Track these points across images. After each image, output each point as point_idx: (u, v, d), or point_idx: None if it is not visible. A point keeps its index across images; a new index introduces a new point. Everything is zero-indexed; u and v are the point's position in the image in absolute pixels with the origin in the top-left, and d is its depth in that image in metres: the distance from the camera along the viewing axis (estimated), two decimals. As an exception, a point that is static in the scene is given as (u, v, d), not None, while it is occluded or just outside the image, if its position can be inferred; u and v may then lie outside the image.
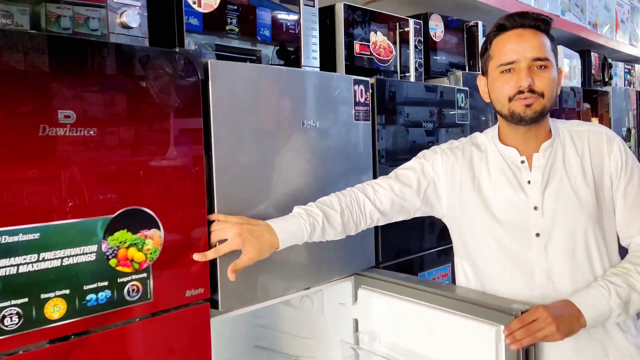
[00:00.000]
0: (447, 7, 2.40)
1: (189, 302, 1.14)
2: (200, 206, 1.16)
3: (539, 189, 1.33)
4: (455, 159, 1.43)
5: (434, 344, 1.41)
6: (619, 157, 1.33)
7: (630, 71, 4.32)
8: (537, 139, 1.35)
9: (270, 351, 1.84)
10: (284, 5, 1.54)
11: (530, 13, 1.32)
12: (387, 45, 1.87)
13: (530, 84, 1.27)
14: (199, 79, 1.14)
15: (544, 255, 1.32)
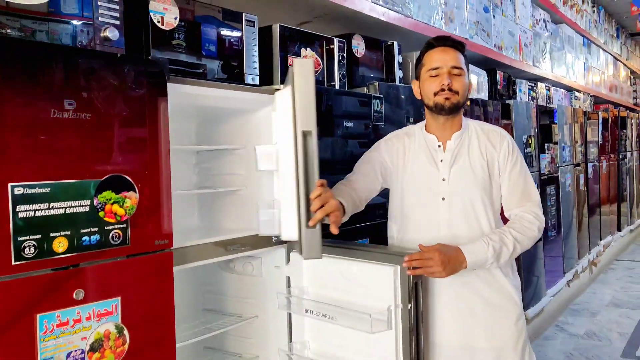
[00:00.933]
0: (369, 29, 2.83)
1: (156, 249, 1.49)
2: (166, 181, 1.52)
3: (447, 166, 1.83)
4: (393, 144, 1.94)
5: (350, 288, 1.81)
6: (506, 150, 1.85)
7: (534, 88, 4.94)
8: (451, 129, 1.86)
9: (217, 313, 2.19)
10: (228, 22, 1.91)
11: (450, 37, 1.89)
12: (316, 59, 2.27)
13: (449, 84, 1.78)
14: (166, 80, 1.50)
15: (448, 213, 1.82)
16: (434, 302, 1.83)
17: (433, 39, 1.88)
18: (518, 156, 1.87)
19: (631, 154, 7.95)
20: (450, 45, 1.84)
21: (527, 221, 1.80)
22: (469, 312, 1.82)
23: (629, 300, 5.01)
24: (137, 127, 1.44)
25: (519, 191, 1.85)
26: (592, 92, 7.23)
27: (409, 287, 1.65)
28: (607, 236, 6.34)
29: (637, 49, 11.63)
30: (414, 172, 1.88)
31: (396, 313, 1.67)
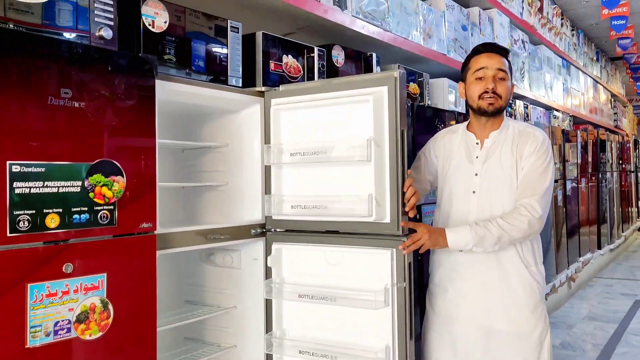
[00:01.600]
0: (350, 42, 2.99)
1: (141, 231, 1.60)
2: (152, 169, 1.64)
3: (481, 162, 2.00)
4: (440, 143, 2.14)
5: (337, 273, 1.95)
6: (533, 147, 1.96)
7: (512, 105, 5.12)
8: (491, 129, 2.02)
9: (197, 304, 2.29)
10: (217, 38, 2.04)
11: (496, 43, 2.07)
12: (297, 65, 2.42)
13: (493, 88, 1.94)
14: (154, 77, 1.63)
15: (476, 206, 1.98)
16: (458, 286, 2.00)
17: (480, 45, 2.06)
18: (542, 155, 1.95)
19: (611, 176, 8.14)
20: (496, 52, 1.99)
21: (518, 213, 1.92)
22: (488, 297, 1.96)
23: (604, 314, 5.14)
24: (127, 118, 1.57)
25: (527, 182, 1.95)
26: (571, 112, 7.44)
27: (404, 267, 1.81)
28: (586, 254, 6.49)
29: (617, 72, 11.96)
30: (452, 166, 2.06)
31: (393, 291, 1.82)
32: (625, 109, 12.99)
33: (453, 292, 2.02)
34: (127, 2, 1.75)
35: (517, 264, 1.97)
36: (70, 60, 1.43)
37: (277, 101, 2.06)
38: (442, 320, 2.04)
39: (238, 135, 2.15)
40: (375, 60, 2.97)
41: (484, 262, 1.96)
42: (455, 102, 3.95)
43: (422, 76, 3.46)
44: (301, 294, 1.96)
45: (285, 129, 2.05)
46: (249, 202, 2.12)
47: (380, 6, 3.10)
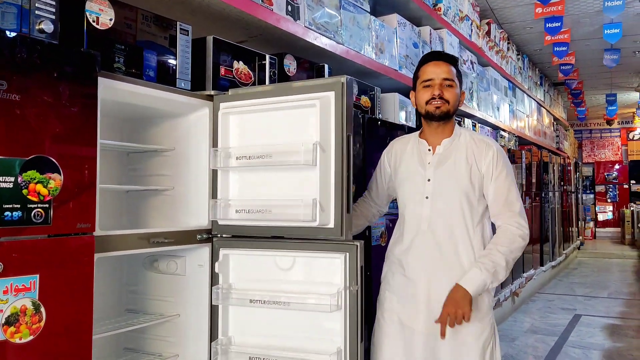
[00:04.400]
0: (302, 53, 3.00)
1: (78, 232, 1.54)
2: (91, 167, 1.58)
3: (433, 168, 2.03)
4: (392, 152, 2.19)
5: (287, 279, 1.94)
6: (491, 159, 2.02)
7: (460, 123, 5.25)
8: (442, 135, 2.07)
9: (138, 313, 2.21)
10: (168, 47, 2.01)
11: (442, 52, 2.16)
12: (248, 72, 2.40)
13: (440, 93, 2.00)
14: (97, 72, 1.59)
15: (429, 211, 2.01)
16: (410, 290, 2.02)
17: (428, 54, 2.13)
18: (503, 167, 2.02)
19: (553, 196, 8.44)
20: (443, 60, 2.05)
21: (510, 233, 1.97)
22: (437, 301, 1.96)
23: (545, 328, 5.28)
24: (65, 113, 1.51)
25: (503, 198, 2.00)
26: (516, 133, 7.70)
27: (356, 271, 1.81)
28: (529, 270, 6.67)
29: (559, 97, 12.48)
30: (404, 172, 2.10)
31: (345, 295, 1.81)
32: (567, 133, 13.55)
33: (404, 298, 2.03)
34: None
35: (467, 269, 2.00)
36: (5, 51, 1.37)
37: (226, 105, 2.03)
38: (393, 326, 2.05)
39: (185, 139, 2.11)
40: (327, 71, 3.00)
41: (436, 269, 1.98)
42: (406, 117, 4.02)
43: (374, 90, 3.51)
44: (252, 299, 1.93)
45: (233, 133, 2.03)
46: (195, 207, 2.08)
47: (333, 19, 3.13)
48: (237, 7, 2.36)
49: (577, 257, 10.69)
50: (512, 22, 7.43)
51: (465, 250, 1.99)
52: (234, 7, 2.35)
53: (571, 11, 6.96)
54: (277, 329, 1.94)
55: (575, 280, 8.11)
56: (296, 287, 1.92)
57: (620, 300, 6.65)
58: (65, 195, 1.50)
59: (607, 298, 6.78)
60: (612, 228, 14.94)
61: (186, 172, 2.10)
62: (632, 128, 15.56)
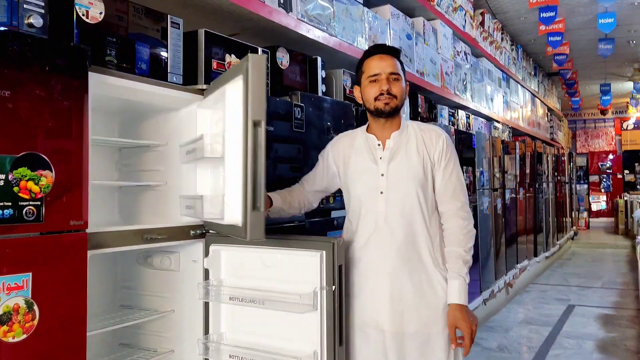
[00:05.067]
0: (295, 45, 2.98)
1: (71, 229, 1.53)
2: (83, 159, 1.57)
3: (385, 162, 2.00)
4: (337, 148, 2.13)
5: (273, 276, 1.91)
6: (441, 147, 2.02)
7: (454, 115, 5.25)
8: (390, 130, 2.04)
9: (133, 308, 2.21)
10: (160, 40, 1.99)
11: (385, 45, 2.09)
12: (240, 66, 2.38)
13: (388, 89, 1.96)
14: (87, 66, 1.57)
15: (385, 206, 1.98)
16: (371, 288, 1.97)
17: (371, 47, 2.07)
18: (452, 155, 2.04)
19: (547, 187, 8.46)
20: (387, 52, 2.02)
21: (462, 227, 1.99)
22: (399, 297, 1.95)
23: (539, 318, 5.31)
24: (56, 109, 1.50)
25: (451, 188, 2.01)
26: (510, 125, 7.70)
27: (333, 270, 1.78)
28: (523, 261, 6.70)
29: (553, 87, 12.50)
30: (356, 169, 2.05)
31: (321, 295, 1.79)
32: (561, 123, 13.58)
33: (365, 297, 1.98)
34: (60, -9, 1.68)
35: (426, 263, 1.98)
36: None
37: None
38: (358, 326, 2.00)
39: (178, 133, 2.09)
40: (320, 63, 2.98)
41: (391, 265, 1.95)
42: (399, 109, 4.01)
43: (367, 82, 3.49)
44: (232, 297, 1.92)
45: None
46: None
47: (326, 11, 3.11)
48: (229, 0, 2.34)
49: (570, 248, 10.75)
50: (506, 12, 7.42)
51: (424, 242, 1.98)
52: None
53: (566, 0, 6.95)
54: (263, 327, 1.91)
55: (569, 271, 8.15)
56: (279, 285, 1.88)
57: (613, 290, 6.69)
58: (57, 192, 1.48)
59: (601, 288, 6.82)
60: (606, 218, 15.03)
61: (179, 167, 2.08)
62: (626, 118, 15.62)
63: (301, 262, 1.85)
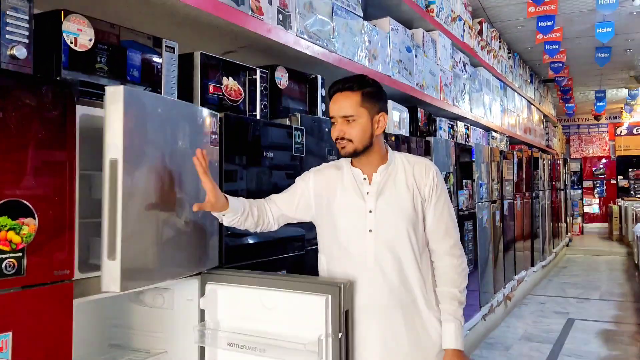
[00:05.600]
0: (293, 62, 2.87)
1: (55, 280, 1.40)
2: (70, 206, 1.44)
3: (373, 198, 1.86)
4: (322, 177, 1.96)
5: (274, 319, 1.78)
6: (432, 182, 1.90)
7: (453, 126, 5.15)
8: (376, 163, 1.90)
9: (123, 348, 2.08)
10: (153, 48, 1.87)
11: (346, 79, 1.89)
12: (238, 88, 2.27)
13: (341, 134, 1.83)
14: (74, 101, 1.44)
15: (374, 246, 1.83)
16: (361, 333, 1.83)
17: (331, 85, 1.91)
18: (443, 189, 1.92)
19: (543, 193, 8.41)
20: (341, 90, 1.85)
21: (456, 266, 1.88)
22: (393, 344, 1.83)
23: (539, 334, 5.22)
24: (40, 149, 1.37)
25: (443, 226, 1.89)
26: (507, 133, 7.63)
27: (339, 316, 1.66)
28: (521, 271, 6.61)
29: (548, 94, 12.46)
30: (341, 205, 1.89)
31: (327, 342, 1.66)
32: (555, 129, 13.55)
33: (357, 343, 1.83)
34: (46, 17, 1.55)
35: (420, 307, 1.86)
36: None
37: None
38: None
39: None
40: (320, 82, 2.86)
41: (385, 310, 1.83)
42: (400, 124, 3.91)
43: (367, 98, 3.38)
44: (230, 342, 1.79)
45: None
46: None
47: (326, 26, 2.99)
48: (226, 20, 2.22)
49: (566, 255, 10.69)
50: (503, 20, 7.34)
51: (417, 282, 1.86)
52: (223, 19, 2.21)
53: (564, 9, 6.88)
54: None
55: (565, 281, 8.08)
56: (280, 330, 1.75)
57: (612, 302, 6.62)
58: (41, 241, 1.36)
59: (599, 300, 6.75)
60: (600, 223, 15.00)
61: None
62: (619, 123, 15.60)
63: (304, 305, 1.73)
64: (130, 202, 1.52)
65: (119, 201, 1.48)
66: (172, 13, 2.11)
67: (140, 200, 1.58)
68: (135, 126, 1.53)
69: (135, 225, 1.55)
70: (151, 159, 1.63)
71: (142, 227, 1.60)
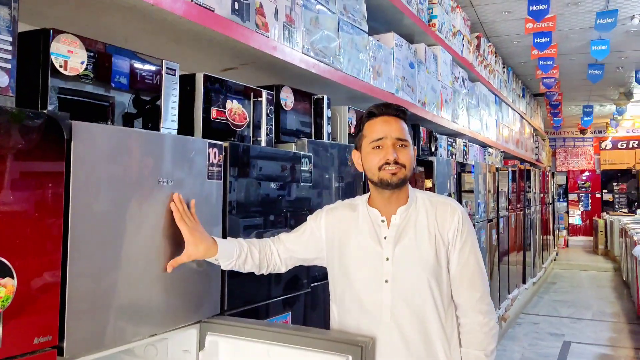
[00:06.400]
0: (297, 79, 2.68)
1: (36, 349, 1.19)
2: (55, 259, 1.23)
3: (391, 244, 1.64)
4: (334, 218, 1.76)
5: None
6: (456, 225, 1.67)
7: (453, 144, 5.00)
8: (397, 203, 1.68)
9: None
10: (143, 56, 1.66)
11: (392, 104, 1.70)
12: (242, 112, 2.07)
13: (395, 158, 1.60)
14: (65, 138, 1.24)
15: (390, 299, 1.62)
16: None
17: (374, 107, 1.70)
18: (469, 233, 1.70)
19: (535, 207, 8.34)
20: (393, 115, 1.67)
21: (483, 324, 1.65)
22: None
23: (537, 359, 5.08)
24: (22, 195, 1.16)
25: (468, 275, 1.67)
26: (502, 148, 7.52)
27: None
28: (514, 289, 6.49)
29: (538, 108, 12.44)
30: (355, 250, 1.68)
31: None
32: (544, 142, 13.54)
33: None
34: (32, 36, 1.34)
35: (439, 357, 1.66)
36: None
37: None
38: None
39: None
40: (327, 102, 2.68)
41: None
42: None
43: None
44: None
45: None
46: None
47: (332, 43, 2.81)
48: (230, 37, 2.02)
49: (554, 270, 10.62)
50: (500, 35, 7.25)
51: (440, 342, 1.64)
52: (228, 36, 2.01)
53: (560, 27, 6.80)
54: None
55: (556, 298, 7.98)
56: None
57: (606, 323, 6.51)
58: (19, 305, 1.15)
59: (593, 320, 6.64)
60: (584, 237, 15.03)
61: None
62: (604, 137, 15.68)
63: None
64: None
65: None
66: (172, 29, 1.91)
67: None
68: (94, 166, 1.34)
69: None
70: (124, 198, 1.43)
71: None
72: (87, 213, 1.32)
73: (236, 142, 1.92)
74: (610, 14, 6.12)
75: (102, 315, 1.37)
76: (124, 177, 1.44)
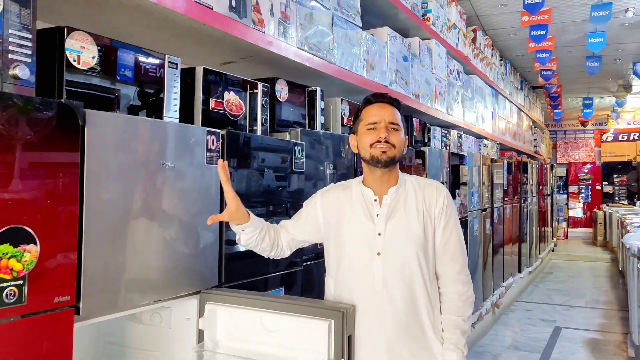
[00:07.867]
0: (292, 72, 2.84)
1: (56, 307, 1.37)
2: (72, 230, 1.41)
3: (383, 221, 1.83)
4: (329, 198, 1.95)
5: (274, 342, 1.76)
6: (442, 204, 1.88)
7: (447, 135, 5.15)
8: (388, 184, 1.87)
9: (118, 366, 2.04)
10: (147, 51, 1.82)
11: (387, 94, 1.93)
12: (239, 103, 2.24)
13: (386, 137, 1.80)
14: (79, 125, 1.41)
15: (382, 270, 1.81)
16: (366, 358, 1.81)
17: (371, 96, 1.92)
18: (452, 212, 1.90)
19: (531, 199, 8.47)
20: (388, 102, 1.88)
21: (461, 293, 1.85)
22: None
23: (527, 343, 5.25)
24: (43, 174, 1.33)
25: (451, 250, 1.87)
26: (498, 140, 7.66)
27: (342, 341, 1.64)
28: (508, 278, 6.65)
29: (537, 100, 12.54)
30: (350, 226, 1.88)
31: None
32: (543, 135, 13.65)
33: None
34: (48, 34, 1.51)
35: (426, 331, 1.84)
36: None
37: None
38: None
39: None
40: (320, 94, 2.84)
41: (391, 334, 1.81)
42: (395, 134, 3.89)
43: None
44: (230, 366, 1.77)
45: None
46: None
47: (326, 37, 2.97)
48: (228, 33, 2.19)
49: (551, 260, 10.79)
50: (496, 28, 7.37)
51: (425, 309, 1.84)
52: (226, 32, 2.17)
53: (557, 19, 6.92)
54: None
55: (551, 287, 8.15)
56: (281, 353, 1.74)
57: (598, 310, 6.68)
58: (42, 268, 1.32)
59: (585, 307, 6.81)
60: (584, 228, 15.17)
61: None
62: (605, 130, 15.76)
63: (306, 329, 1.71)
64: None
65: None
66: (174, 26, 2.07)
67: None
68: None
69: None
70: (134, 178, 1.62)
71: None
72: (99, 192, 1.50)
73: (233, 130, 2.08)
74: (605, 7, 6.24)
75: (113, 281, 1.55)
76: (132, 161, 1.62)
